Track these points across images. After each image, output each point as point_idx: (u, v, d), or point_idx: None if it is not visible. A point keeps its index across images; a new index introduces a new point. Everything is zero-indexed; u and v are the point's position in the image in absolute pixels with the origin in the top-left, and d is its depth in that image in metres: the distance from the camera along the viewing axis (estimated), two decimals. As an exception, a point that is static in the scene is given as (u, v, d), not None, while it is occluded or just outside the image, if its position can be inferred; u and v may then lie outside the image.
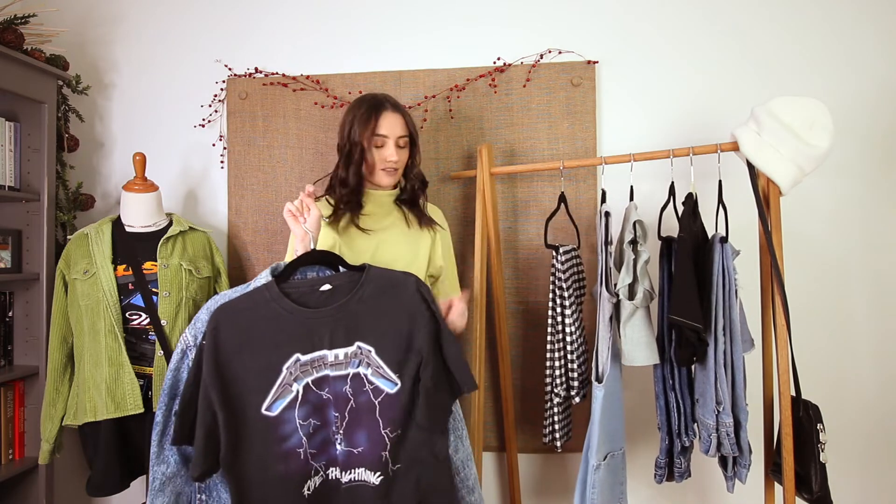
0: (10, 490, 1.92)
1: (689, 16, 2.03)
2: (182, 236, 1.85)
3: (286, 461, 1.21)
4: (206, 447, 1.18)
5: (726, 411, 1.50)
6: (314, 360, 1.24)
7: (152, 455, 1.26)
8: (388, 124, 1.57)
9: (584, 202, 2.01)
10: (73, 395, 1.77)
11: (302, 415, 1.22)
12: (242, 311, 1.26)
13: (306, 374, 1.23)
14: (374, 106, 1.59)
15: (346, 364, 1.25)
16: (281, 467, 1.21)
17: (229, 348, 1.22)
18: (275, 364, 1.22)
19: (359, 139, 1.57)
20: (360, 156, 1.58)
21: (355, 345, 1.26)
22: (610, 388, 1.57)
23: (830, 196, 1.98)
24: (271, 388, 1.22)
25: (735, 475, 1.59)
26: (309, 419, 1.23)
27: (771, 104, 1.53)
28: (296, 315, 1.26)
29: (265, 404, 1.21)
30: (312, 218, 1.41)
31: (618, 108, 2.04)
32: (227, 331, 1.23)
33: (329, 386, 1.24)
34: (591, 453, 1.58)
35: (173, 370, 1.27)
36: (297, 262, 1.34)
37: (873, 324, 1.98)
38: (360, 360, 1.26)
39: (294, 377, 1.23)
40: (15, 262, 1.91)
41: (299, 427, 1.22)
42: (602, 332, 1.58)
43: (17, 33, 1.80)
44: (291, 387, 1.23)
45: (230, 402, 1.20)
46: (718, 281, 1.51)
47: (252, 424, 1.21)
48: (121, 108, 2.20)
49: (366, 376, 1.25)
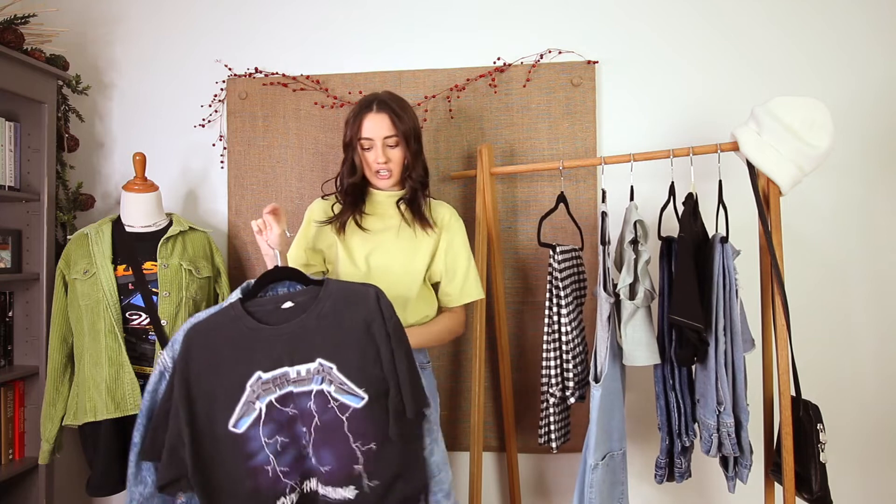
0: (10, 490, 1.92)
1: (689, 16, 2.03)
2: (182, 236, 1.85)
3: (255, 477, 1.22)
4: (169, 462, 1.20)
5: (727, 411, 1.50)
6: (276, 378, 1.24)
7: (130, 476, 1.26)
8: (371, 126, 1.56)
9: (584, 202, 2.01)
10: (73, 395, 1.77)
11: (267, 433, 1.22)
12: (210, 331, 1.27)
13: (268, 391, 1.23)
14: (361, 108, 1.59)
15: (309, 380, 1.24)
16: (249, 483, 1.22)
17: (198, 367, 1.24)
18: (238, 382, 1.23)
19: (348, 141, 1.60)
20: (351, 157, 1.61)
21: (317, 361, 1.25)
22: (608, 387, 1.57)
23: (830, 196, 1.98)
24: (236, 405, 1.22)
25: (736, 475, 1.59)
26: (275, 437, 1.23)
27: (771, 104, 1.53)
28: (257, 333, 1.26)
29: (231, 421, 1.22)
30: (273, 236, 1.43)
31: (618, 108, 2.04)
32: (196, 350, 1.24)
33: (294, 402, 1.24)
34: (588, 453, 1.58)
35: (151, 392, 1.27)
36: (261, 280, 1.34)
37: (873, 324, 1.98)
38: (322, 377, 1.25)
39: (256, 395, 1.23)
40: (15, 262, 1.91)
41: (265, 445, 1.22)
42: (600, 331, 1.58)
43: (17, 33, 1.79)
44: (254, 404, 1.23)
45: (198, 419, 1.21)
46: (719, 281, 1.51)
47: (221, 441, 1.22)
48: (121, 108, 2.20)
49: (329, 393, 1.24)
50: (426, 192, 1.66)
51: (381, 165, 1.58)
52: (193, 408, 1.22)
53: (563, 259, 1.69)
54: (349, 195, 1.62)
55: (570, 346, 1.68)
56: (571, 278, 1.73)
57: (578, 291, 1.78)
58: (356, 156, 1.60)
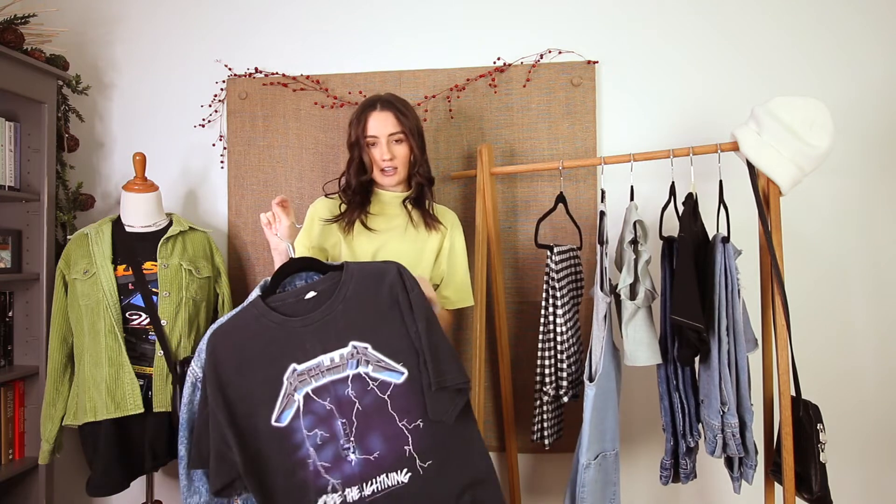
0: (10, 490, 1.92)
1: (689, 16, 2.03)
2: (182, 236, 1.85)
3: (303, 468, 1.20)
4: (218, 468, 1.19)
5: (731, 412, 1.50)
6: (311, 369, 1.23)
7: (183, 489, 1.27)
8: (377, 124, 1.58)
9: (584, 202, 2.01)
10: (73, 395, 1.77)
11: (307, 424, 1.21)
12: (234, 332, 1.26)
13: (304, 383, 1.22)
14: (365, 107, 1.62)
15: (344, 366, 1.23)
16: (301, 474, 1.21)
17: (228, 370, 1.22)
18: (275, 376, 1.22)
19: (354, 140, 1.61)
20: (357, 156, 1.61)
21: (350, 345, 1.24)
22: (602, 387, 1.57)
23: (830, 196, 1.98)
24: (276, 400, 1.21)
25: (741, 476, 1.58)
26: (315, 430, 1.21)
27: (771, 104, 1.53)
28: (284, 326, 1.25)
29: (274, 416, 1.21)
30: (283, 227, 1.44)
31: (618, 108, 2.04)
32: (223, 353, 1.23)
33: (330, 394, 1.22)
34: (581, 452, 1.58)
35: (187, 404, 1.28)
36: (279, 273, 1.34)
37: (873, 324, 1.98)
38: (357, 360, 1.23)
39: (294, 387, 1.22)
40: (15, 262, 1.91)
41: (306, 438, 1.21)
42: (596, 331, 1.58)
43: (17, 33, 1.79)
44: (294, 396, 1.22)
45: (239, 420, 1.20)
46: (721, 281, 1.51)
47: (266, 437, 1.21)
48: (121, 108, 2.20)
49: (367, 374, 1.23)
50: (432, 191, 1.68)
51: (386, 162, 1.59)
52: (233, 410, 1.21)
53: (561, 259, 1.69)
54: (357, 194, 1.62)
55: (565, 345, 1.68)
56: (568, 278, 1.73)
57: (575, 291, 1.78)
58: (364, 154, 1.61)
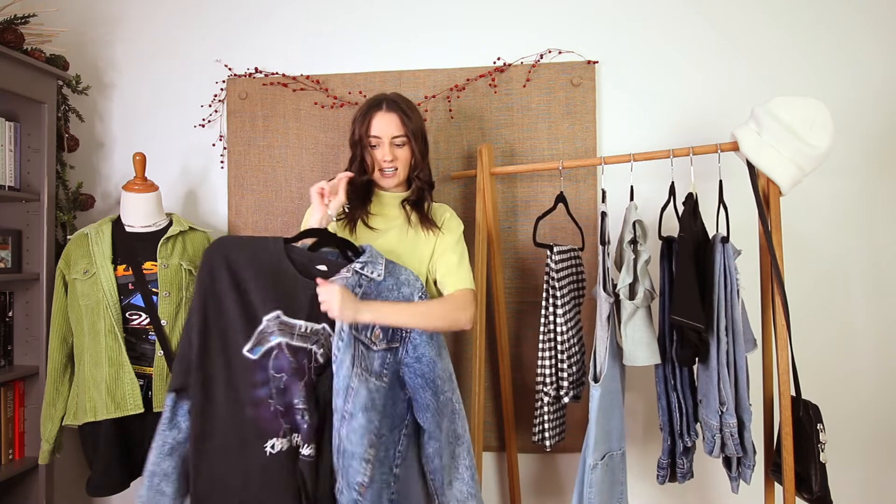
0: (10, 490, 1.92)
1: (689, 16, 2.03)
2: (182, 236, 1.85)
3: (256, 407, 1.26)
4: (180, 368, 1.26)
5: (730, 412, 1.50)
6: (291, 325, 1.29)
7: (164, 420, 1.29)
8: (380, 125, 1.56)
9: (584, 202, 2.01)
10: (73, 395, 1.77)
11: (276, 366, 1.27)
12: (243, 251, 1.30)
13: (282, 333, 1.28)
14: (370, 107, 1.60)
15: (308, 338, 1.30)
16: (251, 412, 1.25)
17: (223, 280, 1.27)
18: (260, 311, 1.27)
19: (357, 139, 1.60)
20: (360, 156, 1.60)
21: (322, 325, 1.31)
22: (607, 387, 1.57)
23: (830, 196, 1.98)
24: (253, 331, 1.27)
25: (739, 476, 1.59)
26: (281, 374, 1.27)
27: (771, 104, 1.53)
28: (289, 275, 1.30)
29: (248, 346, 1.26)
30: (337, 202, 1.45)
31: (618, 108, 2.04)
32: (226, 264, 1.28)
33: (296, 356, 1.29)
34: (588, 453, 1.58)
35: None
36: (308, 232, 1.38)
37: (873, 324, 1.98)
38: (318, 339, 1.31)
39: (271, 331, 1.27)
40: (15, 262, 1.91)
41: (271, 378, 1.27)
42: (600, 331, 1.58)
43: (17, 33, 1.79)
44: (269, 338, 1.27)
45: (213, 333, 1.26)
46: (720, 281, 1.51)
47: (231, 361, 1.26)
48: (121, 108, 2.20)
49: (315, 354, 1.30)
50: (431, 195, 1.66)
51: (387, 164, 1.58)
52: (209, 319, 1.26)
53: (561, 259, 1.69)
54: (358, 192, 1.62)
55: (566, 345, 1.68)
56: (569, 278, 1.73)
57: (576, 292, 1.78)
58: (366, 153, 1.59)
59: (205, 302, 1.26)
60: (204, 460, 1.24)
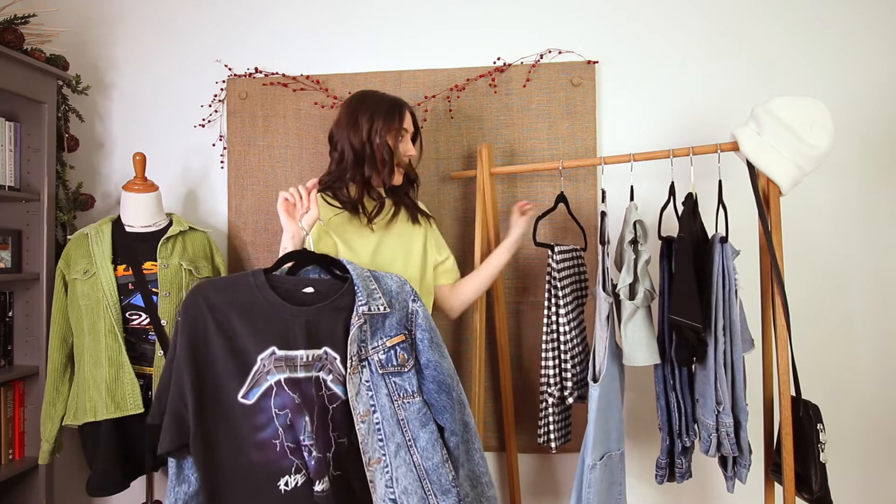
0: (10, 490, 1.92)
1: (689, 16, 2.03)
2: (182, 236, 1.85)
3: (262, 451, 1.21)
4: (171, 425, 1.19)
5: (726, 411, 1.50)
6: (289, 358, 1.25)
7: (172, 476, 1.25)
8: (409, 121, 1.63)
9: (584, 202, 2.01)
10: (73, 395, 1.77)
11: (278, 404, 1.23)
12: (227, 291, 1.25)
13: (280, 370, 1.24)
14: (395, 105, 1.60)
15: (312, 366, 1.26)
16: (256, 456, 1.21)
17: (206, 328, 1.21)
18: (252, 352, 1.22)
19: (385, 136, 1.56)
20: (389, 155, 1.56)
21: (323, 349, 1.27)
22: (606, 387, 1.57)
23: (830, 196, 1.98)
24: (248, 375, 1.22)
25: (735, 475, 1.59)
26: (285, 410, 1.23)
27: (771, 104, 1.53)
28: (276, 307, 1.26)
29: (242, 391, 1.21)
30: (311, 217, 1.39)
31: (618, 108, 2.04)
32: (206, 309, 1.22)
33: (299, 389, 1.25)
34: (586, 453, 1.58)
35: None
36: (288, 256, 1.34)
37: (873, 324, 1.98)
38: (322, 365, 1.27)
39: (267, 370, 1.23)
40: (15, 262, 1.91)
41: (275, 416, 1.22)
42: (599, 331, 1.58)
43: (17, 33, 1.79)
44: (266, 377, 1.23)
45: (205, 384, 1.20)
46: (718, 281, 1.51)
47: (228, 410, 1.21)
48: (121, 108, 2.20)
49: (325, 381, 1.27)
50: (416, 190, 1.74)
51: (410, 156, 1.63)
52: (200, 370, 1.20)
53: (563, 259, 1.69)
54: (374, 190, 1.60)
55: (569, 346, 1.68)
56: (571, 278, 1.73)
57: (579, 292, 1.78)
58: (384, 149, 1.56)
59: (193, 354, 1.20)
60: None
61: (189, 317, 1.21)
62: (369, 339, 1.31)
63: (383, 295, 1.34)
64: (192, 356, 1.20)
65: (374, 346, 1.32)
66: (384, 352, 1.32)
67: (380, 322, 1.34)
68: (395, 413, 1.29)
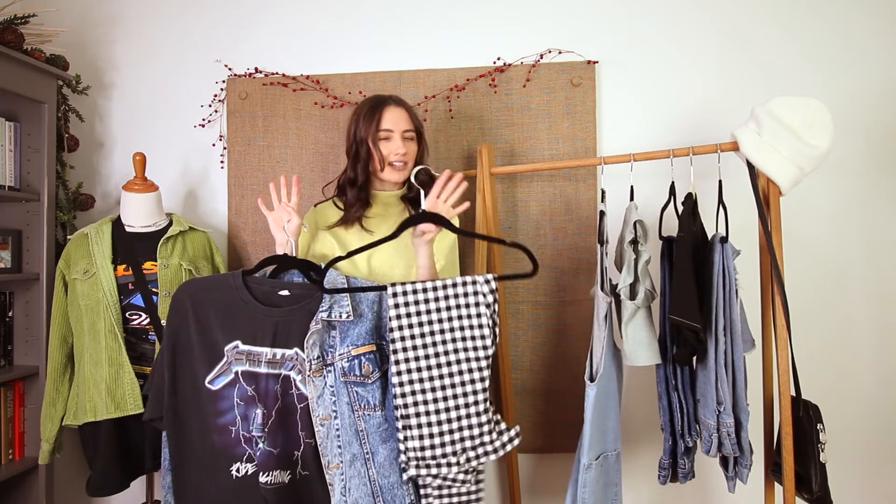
0: (10, 490, 1.92)
1: (689, 16, 2.03)
2: (182, 236, 1.85)
3: (221, 434, 1.33)
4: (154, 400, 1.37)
5: (727, 411, 1.50)
6: (251, 353, 1.35)
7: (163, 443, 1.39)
8: (392, 118, 1.59)
9: (584, 202, 2.01)
10: (73, 395, 1.77)
11: (240, 395, 1.34)
12: (206, 290, 1.39)
13: (239, 362, 1.34)
14: (378, 103, 1.61)
15: (281, 364, 1.35)
16: (216, 438, 1.33)
17: (187, 321, 1.36)
18: (220, 344, 1.35)
19: (364, 136, 1.59)
20: (366, 153, 1.59)
21: (294, 350, 1.35)
22: (603, 387, 1.57)
23: (830, 196, 1.98)
24: (216, 364, 1.35)
25: (736, 475, 1.59)
26: (242, 402, 1.34)
27: (771, 104, 1.53)
28: (250, 307, 1.37)
29: (209, 377, 1.34)
30: (293, 225, 1.46)
31: (618, 108, 2.04)
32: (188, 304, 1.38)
33: (258, 383, 1.34)
34: (582, 452, 1.58)
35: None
36: (267, 260, 1.42)
37: (873, 324, 1.98)
38: (293, 365, 1.35)
39: (230, 361, 1.34)
40: (15, 262, 1.91)
41: (236, 405, 1.34)
42: (597, 330, 1.58)
43: (17, 33, 1.79)
44: (230, 368, 1.34)
45: (182, 367, 1.36)
46: (718, 281, 1.51)
47: (198, 393, 1.34)
48: (121, 108, 2.20)
49: (294, 381, 1.35)
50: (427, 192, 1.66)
51: (398, 156, 1.58)
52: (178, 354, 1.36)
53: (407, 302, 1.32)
54: (362, 190, 1.61)
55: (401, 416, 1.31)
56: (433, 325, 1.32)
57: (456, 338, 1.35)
58: (374, 150, 1.58)
59: (174, 340, 1.36)
60: (181, 486, 1.35)
61: (174, 309, 1.38)
62: (338, 344, 1.35)
63: (353, 303, 1.37)
64: (173, 342, 1.36)
65: (341, 353, 1.35)
66: (348, 360, 1.34)
67: (348, 329, 1.36)
68: (354, 423, 1.33)
